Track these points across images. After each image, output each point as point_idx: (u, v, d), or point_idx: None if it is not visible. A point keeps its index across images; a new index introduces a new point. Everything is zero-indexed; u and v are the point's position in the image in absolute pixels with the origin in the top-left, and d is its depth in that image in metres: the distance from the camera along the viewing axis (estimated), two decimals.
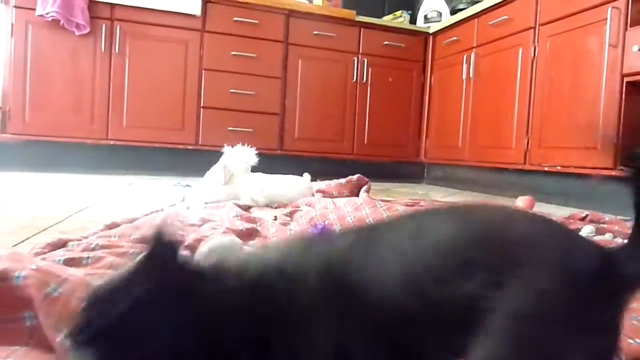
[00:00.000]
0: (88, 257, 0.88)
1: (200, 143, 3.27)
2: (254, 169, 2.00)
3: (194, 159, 3.21)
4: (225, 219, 1.44)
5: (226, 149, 1.98)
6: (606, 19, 2.18)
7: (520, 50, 2.78)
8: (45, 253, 0.92)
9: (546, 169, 2.57)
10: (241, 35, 3.35)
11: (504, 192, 2.96)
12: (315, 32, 3.52)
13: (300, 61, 3.52)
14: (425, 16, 3.97)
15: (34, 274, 0.58)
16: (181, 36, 3.23)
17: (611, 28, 2.16)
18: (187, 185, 2.51)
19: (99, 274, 0.81)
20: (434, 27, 3.74)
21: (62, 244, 0.99)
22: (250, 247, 1.10)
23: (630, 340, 0.63)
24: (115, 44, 3.08)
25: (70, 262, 0.86)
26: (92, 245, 0.98)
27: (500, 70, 2.97)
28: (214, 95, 3.31)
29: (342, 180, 2.10)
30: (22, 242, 1.11)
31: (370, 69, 3.70)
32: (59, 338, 0.51)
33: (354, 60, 3.65)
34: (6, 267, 0.59)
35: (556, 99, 2.53)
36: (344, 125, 3.69)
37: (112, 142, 3.13)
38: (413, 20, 4.08)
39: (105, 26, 3.05)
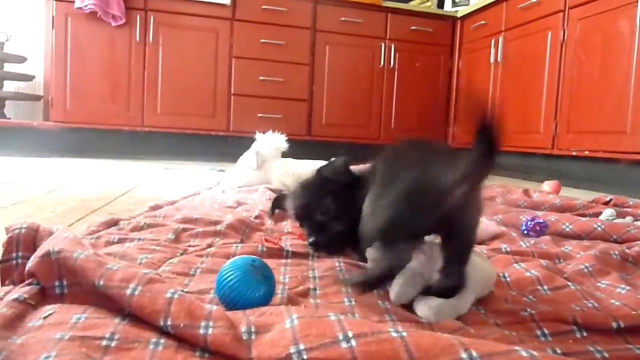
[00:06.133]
0: (140, 239, 0.97)
1: (231, 129, 3.37)
2: (283, 155, 2.08)
3: (225, 145, 3.33)
4: (258, 202, 1.53)
5: (258, 135, 2.06)
6: (637, 1, 2.15)
7: (549, 34, 2.76)
8: (100, 231, 1.02)
9: (574, 153, 2.57)
10: (270, 23, 3.41)
11: (531, 176, 2.97)
12: (342, 19, 3.55)
13: (327, 47, 3.57)
14: (453, 0, 3.95)
15: (94, 254, 0.66)
16: (212, 25, 3.31)
17: None
18: (221, 170, 2.62)
19: (150, 249, 0.90)
20: (461, 11, 3.72)
21: (114, 223, 1.09)
22: None
23: (635, 312, 0.68)
24: (149, 33, 3.19)
25: (123, 241, 0.96)
26: (141, 224, 1.08)
27: (529, 54, 2.95)
28: (244, 82, 3.40)
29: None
30: (77, 221, 1.22)
31: (397, 54, 3.71)
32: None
33: (381, 45, 3.67)
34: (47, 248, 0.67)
35: (585, 83, 2.51)
36: (370, 111, 3.73)
37: (147, 129, 3.26)
38: (441, 5, 4.06)
39: (140, 17, 3.17)
